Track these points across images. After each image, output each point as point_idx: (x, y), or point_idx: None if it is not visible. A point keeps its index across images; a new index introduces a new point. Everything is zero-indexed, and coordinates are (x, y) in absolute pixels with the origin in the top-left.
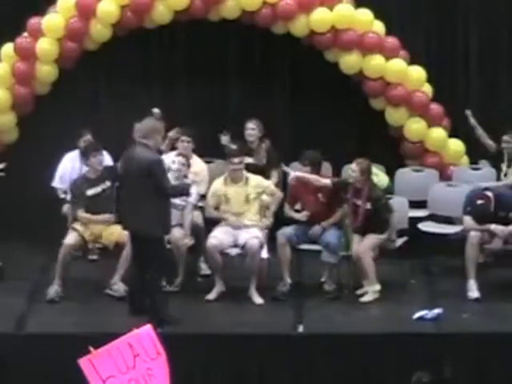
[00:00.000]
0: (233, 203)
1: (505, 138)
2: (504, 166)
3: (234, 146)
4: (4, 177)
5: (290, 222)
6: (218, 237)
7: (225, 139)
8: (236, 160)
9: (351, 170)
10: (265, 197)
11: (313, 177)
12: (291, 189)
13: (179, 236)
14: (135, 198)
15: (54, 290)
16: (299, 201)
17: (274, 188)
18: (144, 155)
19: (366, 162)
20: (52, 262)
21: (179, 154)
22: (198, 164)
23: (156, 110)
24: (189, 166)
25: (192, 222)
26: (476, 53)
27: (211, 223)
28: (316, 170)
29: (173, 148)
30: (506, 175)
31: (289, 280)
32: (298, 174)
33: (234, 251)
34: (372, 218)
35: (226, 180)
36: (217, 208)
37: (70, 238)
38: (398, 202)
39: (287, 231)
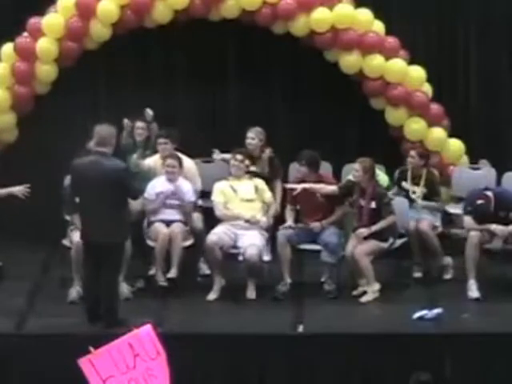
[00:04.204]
0: (241, 191)
1: (412, 153)
2: (407, 184)
3: (227, 155)
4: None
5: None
6: (218, 233)
7: (216, 154)
8: (239, 157)
9: (354, 170)
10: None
11: (318, 186)
12: (289, 191)
13: (178, 231)
14: (99, 206)
15: (75, 291)
16: (298, 201)
17: (272, 200)
18: (109, 163)
19: (368, 161)
20: (52, 261)
21: (166, 157)
22: (185, 162)
23: (148, 111)
24: (180, 164)
25: (192, 222)
26: (476, 52)
27: (211, 224)
28: (314, 169)
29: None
30: (414, 193)
31: (289, 280)
32: (304, 185)
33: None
34: (377, 217)
35: (229, 179)
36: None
37: (78, 236)
38: (398, 202)
39: (287, 231)
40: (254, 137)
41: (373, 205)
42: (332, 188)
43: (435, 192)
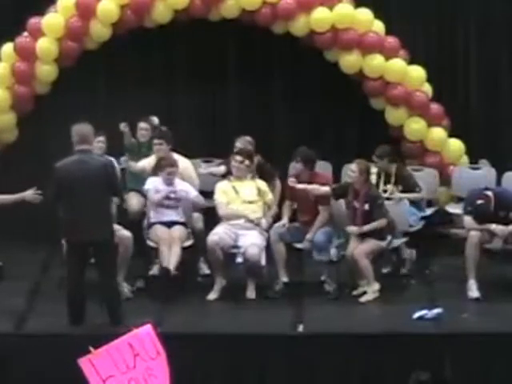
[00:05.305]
0: (243, 193)
1: (374, 157)
2: (381, 185)
3: (215, 169)
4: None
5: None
6: (219, 234)
7: (203, 167)
8: (238, 158)
9: (350, 171)
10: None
11: (312, 187)
12: (287, 187)
13: (177, 235)
14: (88, 204)
15: None
16: (295, 198)
17: (273, 202)
18: (94, 161)
19: (364, 163)
20: (52, 261)
21: (165, 164)
22: (180, 162)
23: (154, 118)
24: (177, 170)
25: (192, 222)
26: (476, 52)
27: (211, 224)
28: (309, 167)
29: None
30: (386, 191)
31: (284, 278)
32: (299, 186)
33: (239, 259)
34: (370, 219)
35: (231, 179)
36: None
37: None
38: (399, 203)
39: (280, 228)
40: (242, 147)
41: (366, 207)
42: (325, 189)
43: (412, 184)
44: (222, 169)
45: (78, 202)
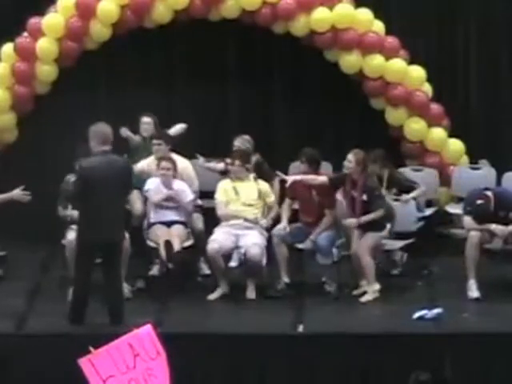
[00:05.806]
0: (244, 194)
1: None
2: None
3: (213, 164)
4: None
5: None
6: (219, 240)
7: (201, 161)
8: (228, 160)
9: (347, 161)
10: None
11: (309, 177)
12: (289, 186)
13: (176, 234)
14: (110, 205)
15: None
16: (296, 197)
17: (274, 202)
18: (118, 161)
19: (361, 153)
20: (52, 261)
21: (160, 159)
22: (179, 162)
23: (182, 126)
24: (175, 167)
25: (192, 222)
26: (476, 52)
27: (211, 224)
28: (314, 168)
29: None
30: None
31: (285, 279)
32: (295, 177)
33: (234, 263)
34: (369, 209)
35: (232, 178)
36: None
37: (71, 234)
38: (403, 204)
39: (281, 231)
40: (240, 146)
41: (364, 197)
42: (322, 179)
43: (407, 185)
44: (221, 165)
45: (99, 202)
